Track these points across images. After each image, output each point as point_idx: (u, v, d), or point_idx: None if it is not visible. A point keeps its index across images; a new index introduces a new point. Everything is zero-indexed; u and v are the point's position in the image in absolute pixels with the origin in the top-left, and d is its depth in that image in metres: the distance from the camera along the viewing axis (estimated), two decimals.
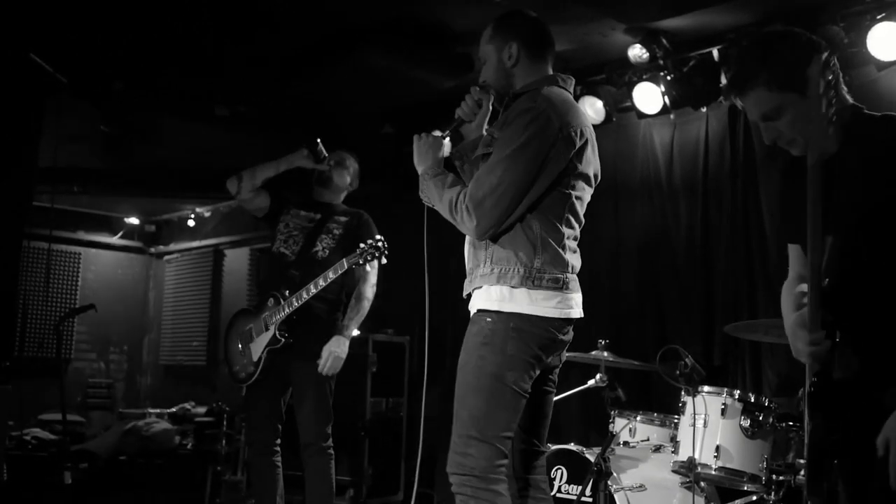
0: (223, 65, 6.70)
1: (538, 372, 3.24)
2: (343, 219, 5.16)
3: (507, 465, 3.13)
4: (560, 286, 3.20)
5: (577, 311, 3.31)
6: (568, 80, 3.47)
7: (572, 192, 3.29)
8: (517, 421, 3.16)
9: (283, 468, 5.05)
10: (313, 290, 4.73)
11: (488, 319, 3.18)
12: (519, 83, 3.38)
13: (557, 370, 3.49)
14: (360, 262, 4.66)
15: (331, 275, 4.72)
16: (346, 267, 4.69)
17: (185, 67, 6.77)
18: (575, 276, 3.33)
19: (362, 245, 4.69)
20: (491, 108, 3.41)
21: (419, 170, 3.36)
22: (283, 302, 4.85)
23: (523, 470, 3.37)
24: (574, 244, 3.37)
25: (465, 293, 3.39)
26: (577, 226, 3.38)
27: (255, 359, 4.96)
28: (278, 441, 5.03)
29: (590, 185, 3.46)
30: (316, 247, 5.06)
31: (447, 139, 3.39)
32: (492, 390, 3.10)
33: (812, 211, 2.29)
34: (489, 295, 3.20)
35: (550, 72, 3.46)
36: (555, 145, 3.15)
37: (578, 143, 3.25)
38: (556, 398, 5.04)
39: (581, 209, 3.41)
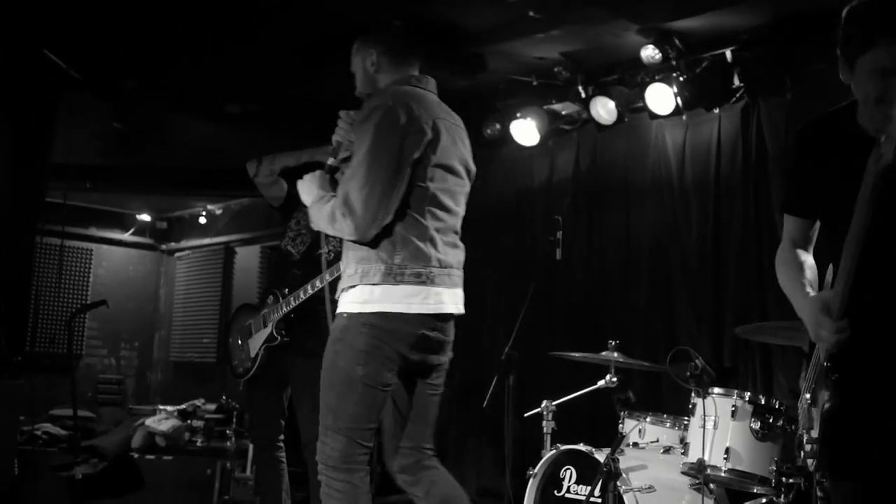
0: (234, 63, 6.71)
1: (400, 367, 3.31)
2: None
3: (365, 455, 3.26)
4: (423, 281, 3.26)
5: (448, 307, 3.37)
6: (423, 79, 3.56)
7: (430, 185, 3.34)
8: (376, 414, 3.28)
9: (288, 465, 5.05)
10: (310, 291, 4.71)
11: (344, 317, 3.29)
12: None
13: (441, 370, 3.54)
14: None
15: (328, 277, 4.71)
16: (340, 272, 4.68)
17: (197, 65, 6.79)
18: (446, 270, 3.40)
19: None
20: None
21: (308, 204, 3.47)
22: (281, 300, 4.85)
23: (407, 470, 3.50)
24: (447, 237, 3.44)
25: (335, 296, 3.48)
26: (446, 218, 3.43)
27: (252, 354, 4.96)
28: (281, 437, 5.03)
29: (456, 176, 3.52)
30: (322, 248, 5.04)
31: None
32: (344, 384, 3.22)
33: (868, 196, 2.19)
34: (351, 296, 3.30)
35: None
36: (406, 137, 3.24)
37: (430, 135, 3.30)
38: (565, 399, 5.08)
39: (450, 200, 3.46)
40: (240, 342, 5.08)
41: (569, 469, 4.63)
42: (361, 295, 3.25)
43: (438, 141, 3.35)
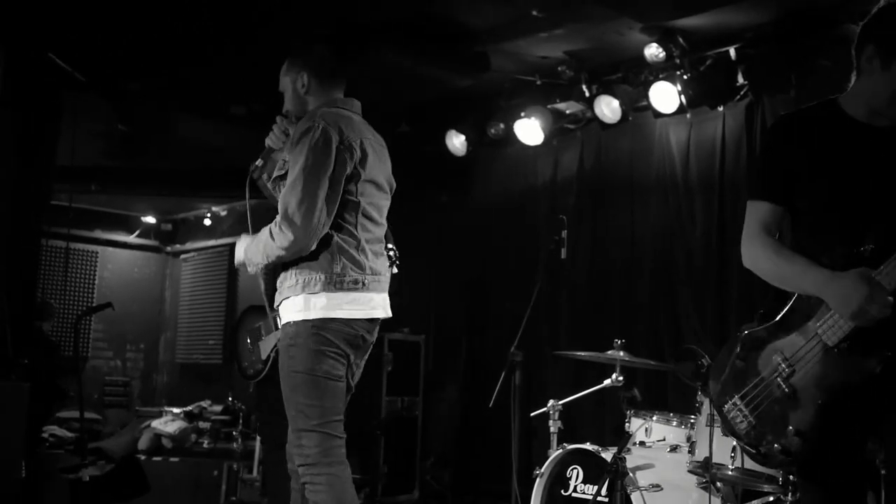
0: (238, 64, 6.71)
1: (347, 365, 3.53)
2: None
3: (342, 446, 3.46)
4: (359, 287, 3.49)
5: (380, 312, 3.60)
6: (349, 101, 3.77)
7: (361, 199, 3.56)
8: (341, 404, 3.49)
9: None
10: None
11: (291, 325, 3.50)
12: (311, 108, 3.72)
13: (360, 371, 3.70)
14: None
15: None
16: None
17: (201, 66, 6.79)
18: (378, 278, 3.61)
19: None
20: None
21: (248, 261, 3.75)
22: None
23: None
24: (376, 247, 3.64)
25: (275, 305, 3.67)
26: (374, 229, 3.64)
27: (263, 357, 4.97)
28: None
29: (382, 191, 3.72)
30: None
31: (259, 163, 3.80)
32: (307, 384, 3.41)
33: None
34: (294, 305, 3.50)
35: (342, 97, 3.78)
36: (339, 155, 3.48)
37: (359, 153, 3.54)
38: (571, 398, 5.07)
39: (377, 213, 3.66)
40: (249, 344, 5.08)
41: (575, 468, 4.63)
42: (305, 303, 3.46)
43: (366, 159, 3.57)
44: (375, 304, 3.57)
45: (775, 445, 2.55)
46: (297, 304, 3.49)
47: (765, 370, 2.66)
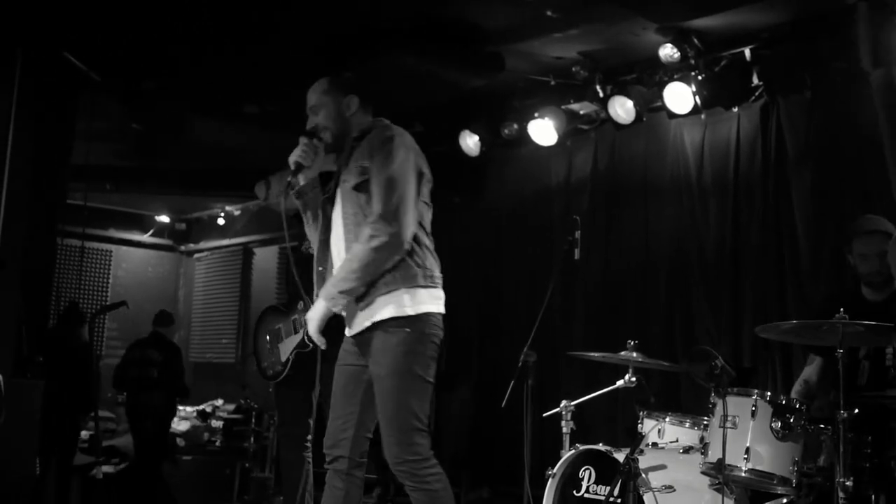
0: (253, 64, 6.73)
1: None
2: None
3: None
4: (439, 284, 3.63)
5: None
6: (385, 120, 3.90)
7: (426, 202, 3.71)
8: None
9: (315, 466, 5.07)
10: None
11: (407, 330, 3.52)
12: (354, 128, 3.81)
13: None
14: None
15: None
16: None
17: (215, 66, 6.81)
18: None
19: None
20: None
21: (323, 315, 3.63)
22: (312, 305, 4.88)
23: (358, 455, 3.72)
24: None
25: (358, 303, 3.59)
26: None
27: (283, 359, 4.99)
28: (309, 437, 5.05)
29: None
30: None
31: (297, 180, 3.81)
32: (421, 386, 3.54)
33: None
34: (395, 300, 3.52)
35: (371, 118, 3.88)
36: (418, 158, 3.65)
37: (425, 168, 3.70)
38: (584, 399, 5.06)
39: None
40: (269, 345, 5.11)
41: (588, 469, 4.62)
42: (406, 299, 3.52)
43: (426, 171, 3.71)
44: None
45: None
46: (397, 300, 3.56)
47: None
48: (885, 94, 5.12)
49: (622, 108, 6.68)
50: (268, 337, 5.14)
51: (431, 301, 3.57)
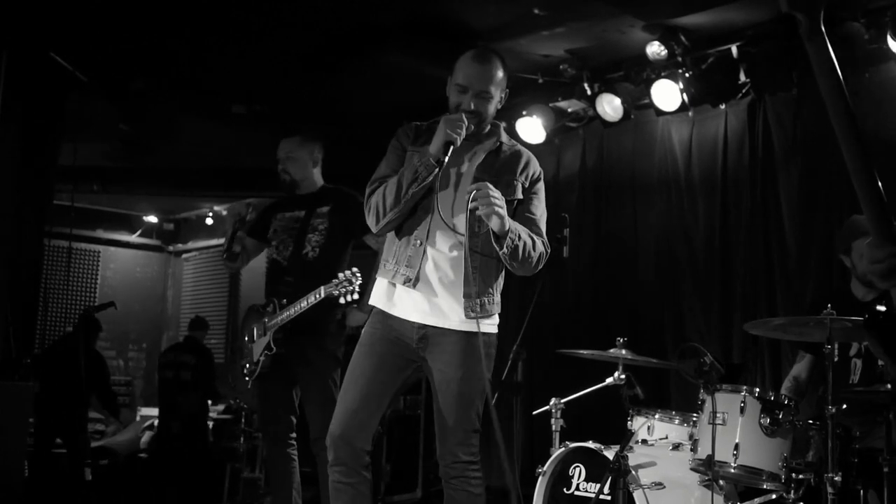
0: (240, 63, 6.72)
1: None
2: (325, 209, 5.13)
3: None
4: None
5: None
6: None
7: None
8: None
9: (300, 464, 5.06)
10: (303, 305, 4.76)
11: (492, 337, 3.65)
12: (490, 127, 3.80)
13: None
14: (336, 293, 4.62)
15: (312, 299, 4.72)
16: (322, 295, 4.67)
17: (203, 66, 6.80)
18: None
19: (340, 276, 4.65)
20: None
21: (504, 222, 3.39)
22: (278, 310, 4.90)
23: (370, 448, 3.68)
24: None
25: (470, 315, 3.54)
26: None
27: (254, 359, 5.02)
28: (292, 434, 5.04)
29: None
30: (305, 248, 5.07)
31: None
32: (480, 395, 3.65)
33: None
34: (494, 320, 3.66)
35: None
36: None
37: None
38: (574, 396, 5.07)
39: None
40: (247, 343, 5.12)
41: (578, 467, 4.62)
42: (496, 319, 3.66)
43: None
44: None
45: None
46: (495, 320, 3.67)
47: None
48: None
49: (610, 106, 6.69)
50: (246, 337, 5.15)
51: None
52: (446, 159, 3.48)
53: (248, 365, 5.06)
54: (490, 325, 3.61)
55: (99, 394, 8.48)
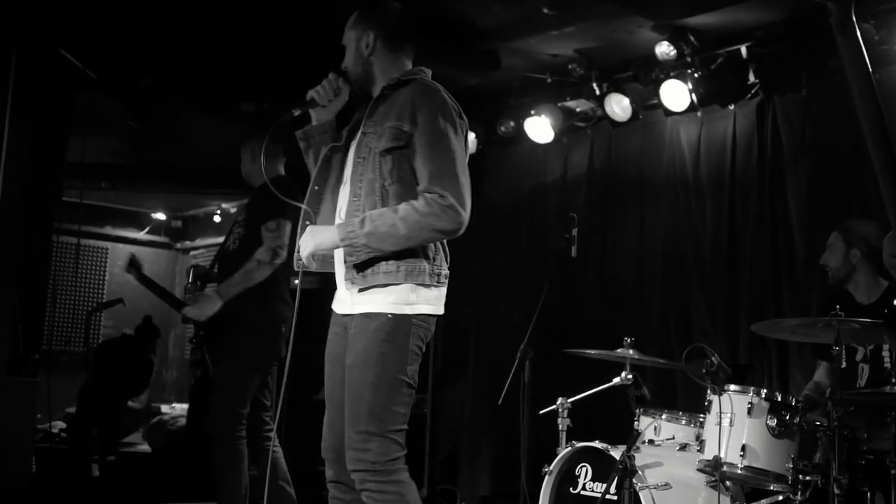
0: (248, 62, 6.72)
1: None
2: (245, 202, 5.31)
3: (403, 455, 3.18)
4: (444, 283, 3.23)
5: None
6: (426, 70, 3.41)
7: None
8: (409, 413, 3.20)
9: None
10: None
11: (389, 317, 3.11)
12: (378, 73, 3.36)
13: None
14: None
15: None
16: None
17: (211, 64, 6.80)
18: None
19: None
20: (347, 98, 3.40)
21: (330, 245, 3.18)
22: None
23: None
24: None
25: (351, 287, 3.19)
26: None
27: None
28: (268, 427, 5.13)
29: None
30: (228, 240, 5.23)
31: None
32: (393, 387, 3.11)
33: None
34: (394, 295, 3.12)
35: (410, 66, 3.42)
36: (464, 131, 3.22)
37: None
38: (580, 396, 5.07)
39: None
40: None
41: (584, 466, 4.62)
42: (407, 295, 3.12)
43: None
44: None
45: None
46: (397, 295, 3.10)
47: None
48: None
49: (618, 106, 6.68)
50: None
51: (433, 301, 3.19)
52: (298, 112, 3.35)
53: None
54: (383, 304, 3.12)
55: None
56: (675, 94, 6.27)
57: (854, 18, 1.98)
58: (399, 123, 3.15)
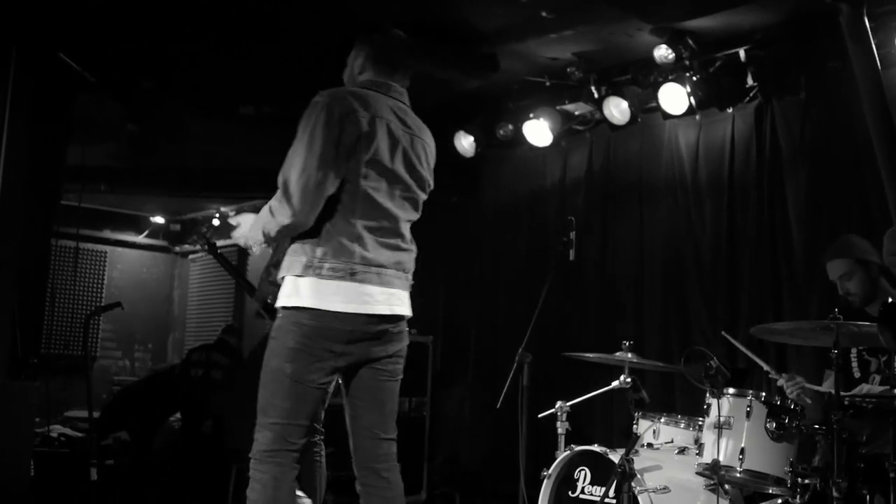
0: (248, 65, 6.73)
1: (342, 364, 3.33)
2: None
3: (292, 451, 3.26)
4: (342, 276, 3.24)
5: (380, 307, 3.34)
6: (386, 86, 3.57)
7: (363, 183, 3.32)
8: (306, 411, 3.28)
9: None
10: None
11: (279, 314, 3.31)
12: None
13: (394, 358, 3.60)
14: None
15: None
16: None
17: (211, 67, 6.81)
18: (375, 269, 3.33)
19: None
20: None
21: (250, 238, 3.54)
22: None
23: (366, 459, 3.55)
24: (382, 238, 3.38)
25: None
26: (382, 219, 3.38)
27: None
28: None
29: (399, 181, 3.46)
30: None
31: None
32: (275, 382, 3.26)
33: None
34: (283, 289, 3.32)
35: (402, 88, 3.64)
36: (343, 130, 3.27)
37: (366, 128, 3.30)
38: (579, 400, 5.07)
39: (390, 202, 3.42)
40: None
41: (583, 470, 4.63)
42: (289, 288, 3.29)
43: (374, 137, 3.34)
44: (374, 298, 3.31)
45: None
46: (284, 289, 3.31)
47: None
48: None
49: (617, 109, 6.69)
50: None
51: (321, 296, 3.23)
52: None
53: None
54: (279, 298, 3.32)
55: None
56: (674, 98, 6.28)
57: (866, 18, 1.97)
58: None
